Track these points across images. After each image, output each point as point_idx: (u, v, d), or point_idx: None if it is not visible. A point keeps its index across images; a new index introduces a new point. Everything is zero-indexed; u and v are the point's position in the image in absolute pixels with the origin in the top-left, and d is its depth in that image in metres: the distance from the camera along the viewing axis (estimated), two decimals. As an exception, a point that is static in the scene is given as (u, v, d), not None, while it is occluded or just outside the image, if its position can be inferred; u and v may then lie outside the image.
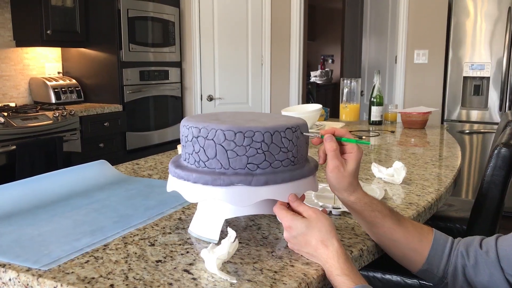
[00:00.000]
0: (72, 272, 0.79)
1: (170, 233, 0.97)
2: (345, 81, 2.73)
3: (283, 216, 0.86)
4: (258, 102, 4.36)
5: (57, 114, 3.08)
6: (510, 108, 3.61)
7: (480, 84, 3.70)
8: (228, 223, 1.03)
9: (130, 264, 0.82)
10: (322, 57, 8.45)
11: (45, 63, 3.79)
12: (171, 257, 0.85)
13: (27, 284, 0.78)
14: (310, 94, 6.94)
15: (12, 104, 3.42)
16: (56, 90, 3.57)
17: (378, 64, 4.65)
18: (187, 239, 0.94)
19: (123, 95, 3.69)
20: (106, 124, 3.50)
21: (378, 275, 1.35)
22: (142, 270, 0.80)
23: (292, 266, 0.82)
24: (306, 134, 0.92)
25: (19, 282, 0.79)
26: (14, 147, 2.78)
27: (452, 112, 3.80)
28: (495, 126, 3.62)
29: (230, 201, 0.86)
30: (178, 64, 4.26)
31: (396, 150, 1.93)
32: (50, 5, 3.38)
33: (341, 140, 0.90)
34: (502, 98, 3.61)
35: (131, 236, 0.95)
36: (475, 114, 3.74)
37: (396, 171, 1.38)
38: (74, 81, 3.79)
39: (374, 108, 2.64)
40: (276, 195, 0.87)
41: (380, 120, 2.66)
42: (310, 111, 2.15)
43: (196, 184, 0.87)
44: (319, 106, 2.23)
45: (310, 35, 7.36)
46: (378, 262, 1.05)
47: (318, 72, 8.24)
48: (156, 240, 0.93)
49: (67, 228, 0.99)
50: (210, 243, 0.89)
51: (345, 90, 2.73)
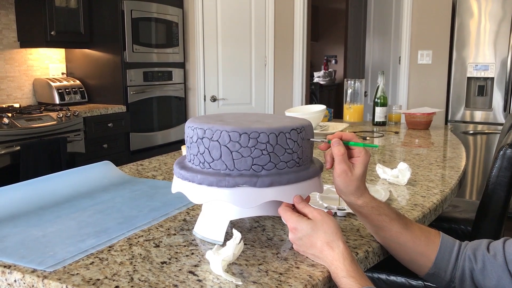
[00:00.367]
0: (77, 273, 0.79)
1: (175, 234, 0.97)
2: (349, 81, 2.72)
3: (288, 218, 0.85)
4: (261, 103, 4.35)
5: (61, 115, 3.09)
6: (514, 108, 3.60)
7: (484, 84, 3.68)
8: (233, 224, 1.03)
9: (135, 265, 0.82)
10: (326, 57, 8.44)
11: (49, 64, 3.80)
12: (176, 258, 0.85)
13: (32, 286, 0.78)
14: (313, 94, 6.93)
15: (16, 105, 3.43)
16: (60, 91, 3.58)
17: (381, 64, 4.64)
18: (192, 240, 0.94)
19: (126, 96, 3.70)
20: (110, 125, 3.51)
21: (383, 276, 1.35)
22: (147, 271, 0.80)
23: (298, 267, 0.82)
24: (313, 140, 0.91)
25: (24, 284, 0.79)
26: (18, 147, 2.78)
27: (456, 112, 3.79)
28: (500, 127, 3.61)
29: (235, 202, 0.85)
30: (182, 65, 4.26)
31: (400, 151, 1.93)
32: (54, 6, 3.39)
33: (348, 144, 0.90)
34: (507, 99, 3.60)
35: (135, 237, 0.95)
36: (479, 115, 3.72)
37: (401, 172, 1.38)
38: (78, 82, 3.80)
39: (378, 109, 2.64)
40: (281, 196, 0.87)
41: (384, 120, 2.65)
42: (314, 112, 2.14)
43: (201, 185, 0.87)
44: (323, 106, 2.22)
45: (313, 36, 7.36)
46: (382, 264, 1.04)
47: (321, 73, 8.23)
48: (161, 242, 0.93)
49: (72, 229, 0.99)
50: (215, 244, 0.89)
51: (349, 91, 2.72)
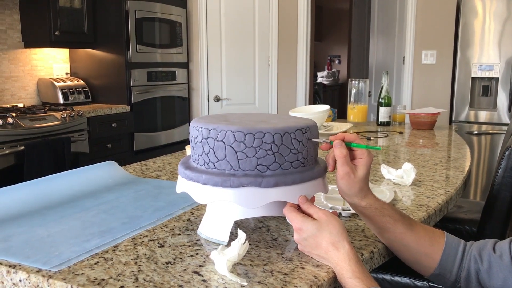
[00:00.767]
0: (82, 273, 0.79)
1: (179, 234, 0.97)
2: (353, 81, 2.72)
3: (293, 218, 0.85)
4: (265, 103, 4.35)
5: (65, 115, 3.09)
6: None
7: (489, 84, 3.67)
8: (237, 224, 1.02)
9: (140, 265, 0.82)
10: (329, 57, 8.43)
11: (53, 64, 3.81)
12: (181, 258, 0.85)
13: (38, 285, 0.78)
14: (317, 94, 6.92)
15: (21, 105, 3.44)
16: (64, 91, 3.59)
17: (385, 64, 4.63)
18: (197, 240, 0.94)
19: (130, 96, 3.70)
20: (113, 124, 3.51)
21: (387, 277, 1.34)
22: (152, 271, 0.80)
23: (303, 268, 0.81)
24: (315, 140, 0.91)
25: (29, 283, 0.79)
26: (23, 147, 2.79)
27: (460, 113, 3.78)
28: (504, 127, 3.59)
29: (240, 202, 0.85)
30: (185, 65, 4.26)
31: (404, 151, 1.92)
32: (58, 6, 3.40)
33: (350, 146, 0.89)
34: (511, 99, 3.58)
35: (140, 237, 0.95)
36: (483, 115, 3.71)
37: (406, 173, 1.37)
38: (82, 82, 3.80)
39: (382, 109, 2.63)
40: (286, 196, 0.86)
41: (388, 121, 2.64)
42: (318, 112, 2.14)
43: (205, 185, 0.87)
44: (327, 107, 2.22)
45: (317, 36, 7.36)
46: (387, 264, 1.04)
47: (325, 73, 8.22)
48: (166, 242, 0.93)
49: (76, 229, 0.99)
50: (219, 244, 0.89)
51: (353, 91, 2.72)
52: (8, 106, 3.36)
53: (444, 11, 3.85)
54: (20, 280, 0.80)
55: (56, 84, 3.59)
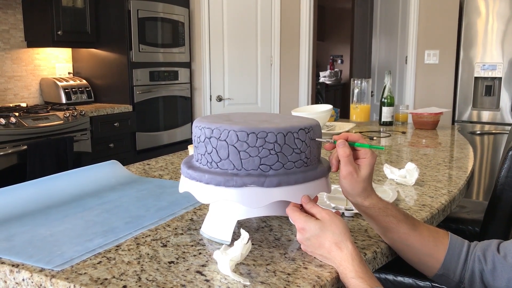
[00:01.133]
0: (85, 272, 0.79)
1: (182, 234, 0.97)
2: (355, 81, 2.71)
3: (296, 218, 0.85)
4: (267, 103, 4.35)
5: (67, 115, 3.10)
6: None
7: (492, 84, 3.66)
8: (240, 224, 1.02)
9: (142, 265, 0.82)
10: (331, 57, 8.42)
11: (55, 63, 3.81)
12: (184, 258, 0.85)
13: (40, 285, 0.78)
14: (319, 94, 6.92)
15: (23, 105, 3.45)
16: (66, 91, 3.59)
17: (388, 64, 4.63)
18: (199, 240, 0.94)
19: (133, 95, 3.70)
20: (116, 124, 3.51)
21: (390, 277, 1.34)
22: (155, 271, 0.80)
23: (306, 268, 0.81)
24: (319, 139, 0.90)
25: (32, 283, 0.79)
26: (25, 147, 2.79)
27: (463, 112, 3.77)
28: (507, 127, 3.58)
29: (243, 202, 0.85)
30: (188, 65, 4.26)
31: (407, 151, 1.92)
32: (60, 6, 3.40)
33: (354, 146, 0.88)
34: (514, 99, 3.58)
35: (143, 237, 0.95)
36: (486, 115, 3.70)
37: (409, 173, 1.37)
38: (84, 81, 3.81)
39: (385, 109, 2.63)
40: (289, 196, 0.86)
41: (391, 120, 2.64)
42: (321, 112, 2.14)
43: (208, 185, 0.87)
44: (329, 106, 2.22)
45: (319, 35, 7.34)
46: (390, 264, 1.04)
47: (327, 73, 8.21)
48: (168, 241, 0.93)
49: (79, 228, 0.99)
50: (222, 244, 0.89)
51: (355, 91, 2.71)
52: (11, 105, 3.36)
53: (447, 10, 3.84)
54: (23, 280, 0.80)
55: (59, 83, 3.60)
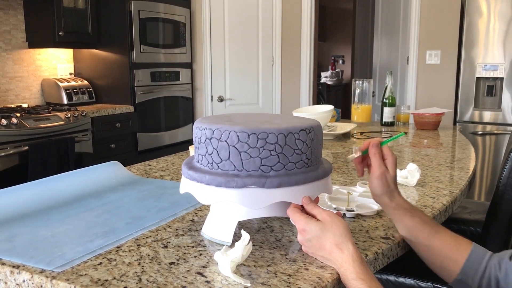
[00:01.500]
0: (85, 274, 0.79)
1: (183, 235, 0.97)
2: (357, 81, 2.71)
3: (297, 219, 0.85)
4: (268, 103, 4.35)
5: (69, 115, 3.10)
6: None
7: (493, 84, 3.65)
8: (241, 225, 1.02)
9: (143, 266, 0.82)
10: (333, 57, 8.41)
11: (57, 64, 3.82)
12: (184, 259, 0.85)
13: (41, 286, 0.78)
14: (320, 95, 6.91)
15: (25, 105, 3.45)
16: (68, 91, 3.60)
17: (389, 64, 4.62)
18: (200, 241, 0.94)
19: (134, 96, 3.71)
20: (117, 125, 3.51)
21: (391, 278, 1.33)
22: (155, 272, 0.80)
23: (307, 269, 0.81)
24: (352, 157, 0.99)
25: (32, 284, 0.79)
26: (27, 147, 2.80)
27: (465, 113, 3.76)
28: (509, 128, 3.58)
29: (244, 203, 0.85)
30: (189, 65, 4.26)
31: (409, 152, 1.91)
32: (62, 6, 3.41)
33: (381, 145, 0.95)
34: (516, 99, 3.57)
35: (143, 238, 0.95)
36: (488, 115, 3.69)
37: (410, 173, 1.37)
38: (85, 82, 3.81)
39: (386, 109, 2.62)
40: (290, 197, 0.86)
41: (393, 121, 2.63)
42: (322, 112, 2.13)
43: (209, 186, 0.86)
44: (331, 107, 2.21)
45: (321, 36, 7.34)
46: (391, 265, 1.03)
47: (328, 73, 8.21)
48: (169, 242, 0.93)
49: (80, 229, 0.99)
50: (223, 245, 0.89)
51: (356, 91, 2.71)
52: (12, 106, 3.37)
53: (449, 10, 3.83)
54: (23, 281, 0.80)
55: (60, 84, 3.60)
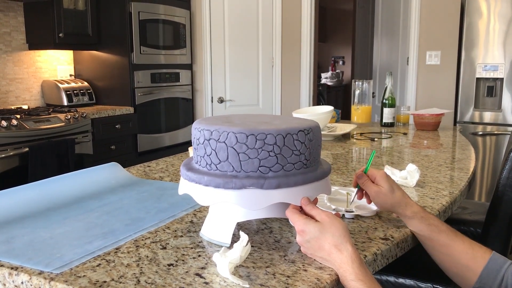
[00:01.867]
0: (84, 275, 0.79)
1: (181, 236, 0.97)
2: (356, 82, 2.71)
3: (296, 220, 0.85)
4: (268, 104, 4.35)
5: (69, 117, 3.10)
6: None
7: (494, 85, 3.65)
8: (240, 226, 1.02)
9: (142, 267, 0.82)
10: (333, 58, 8.41)
11: (57, 65, 3.82)
12: (183, 260, 0.85)
13: None
14: (320, 95, 6.91)
15: (25, 107, 3.46)
16: (68, 93, 3.60)
17: (389, 65, 4.62)
18: (199, 242, 0.93)
19: (134, 97, 3.71)
20: (117, 126, 3.52)
21: (391, 279, 1.33)
22: (154, 273, 0.79)
23: (305, 270, 0.81)
24: (352, 196, 1.08)
25: (31, 286, 0.79)
26: (27, 149, 2.80)
27: (465, 113, 3.76)
28: (509, 128, 3.57)
29: (242, 204, 0.85)
30: (189, 66, 4.26)
31: (408, 152, 1.91)
32: (62, 8, 3.41)
33: (365, 172, 1.03)
34: (516, 100, 3.57)
35: (142, 239, 0.95)
36: (488, 116, 3.69)
37: (410, 174, 1.36)
38: (86, 83, 3.81)
39: (386, 110, 2.62)
40: (289, 198, 0.86)
41: (392, 122, 2.63)
42: (322, 113, 2.13)
43: (207, 187, 0.86)
44: (330, 107, 2.21)
45: (321, 37, 7.34)
46: (391, 266, 1.03)
47: (328, 74, 8.21)
48: (168, 244, 0.93)
49: (79, 230, 0.99)
50: (222, 246, 0.89)
51: (356, 92, 2.71)
52: (13, 108, 3.37)
53: (448, 11, 3.83)
54: (22, 283, 0.80)
55: (60, 85, 3.60)
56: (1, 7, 3.37)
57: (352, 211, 1.09)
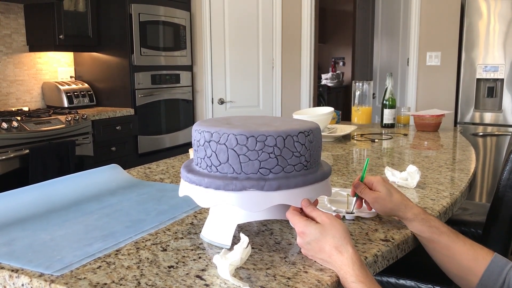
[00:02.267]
0: (84, 277, 0.79)
1: (182, 238, 0.97)
2: (357, 83, 2.71)
3: (296, 222, 0.85)
4: (269, 105, 4.35)
5: (69, 118, 3.10)
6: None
7: (494, 86, 3.65)
8: (240, 228, 1.02)
9: (142, 269, 0.82)
10: (333, 59, 8.42)
11: (57, 67, 3.82)
12: (183, 262, 0.85)
13: (40, 290, 0.78)
14: (321, 97, 6.91)
15: (25, 109, 3.46)
16: (68, 94, 3.60)
17: (389, 66, 4.62)
18: (199, 244, 0.93)
19: (134, 99, 3.71)
20: (118, 127, 3.52)
21: (392, 280, 1.33)
22: (154, 275, 0.79)
23: (306, 272, 0.81)
24: (355, 210, 1.08)
25: (31, 288, 0.79)
26: (27, 151, 2.80)
27: (465, 114, 3.76)
28: (510, 129, 3.57)
29: (242, 206, 0.85)
30: (189, 68, 4.27)
31: (409, 153, 1.91)
32: (62, 10, 3.41)
33: (362, 181, 1.04)
34: (517, 100, 3.56)
35: (143, 241, 0.95)
36: (488, 117, 3.69)
37: (410, 175, 1.36)
38: (86, 85, 3.81)
39: (387, 111, 2.62)
40: (289, 200, 0.86)
41: (393, 123, 2.63)
42: (322, 114, 2.13)
43: (208, 189, 0.86)
44: (331, 109, 2.21)
45: (321, 38, 7.35)
46: (391, 267, 1.03)
47: (329, 75, 8.21)
48: (168, 245, 0.93)
49: (79, 233, 0.99)
50: (222, 248, 0.89)
51: (357, 93, 2.71)
52: (13, 109, 3.37)
53: (449, 12, 3.83)
54: (22, 285, 0.80)
55: (61, 87, 3.60)
56: (1, 9, 3.37)
57: (352, 213, 1.09)
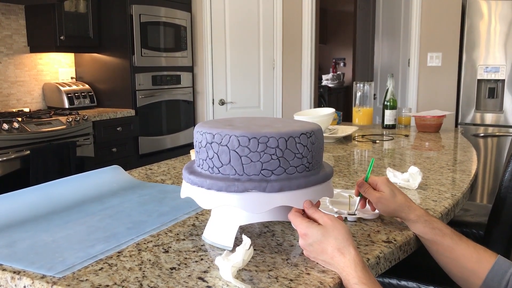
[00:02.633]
0: (86, 279, 0.79)
1: (184, 239, 0.96)
2: (358, 84, 2.71)
3: (299, 223, 0.84)
4: (270, 106, 4.35)
5: (70, 119, 3.10)
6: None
7: (495, 86, 3.65)
8: (242, 229, 1.02)
9: (144, 271, 0.82)
10: (334, 60, 8.42)
11: (58, 68, 3.82)
12: (185, 264, 0.85)
13: (42, 292, 0.78)
14: (322, 97, 6.91)
15: (26, 109, 3.46)
16: (69, 95, 3.60)
17: (390, 67, 4.62)
18: (201, 245, 0.93)
19: (135, 99, 3.71)
20: (119, 128, 3.52)
21: (394, 281, 1.33)
22: (156, 277, 0.79)
23: (308, 274, 0.81)
24: (357, 210, 1.08)
25: (33, 290, 0.79)
26: (28, 152, 2.80)
27: (466, 115, 3.75)
28: (511, 130, 3.57)
29: (244, 207, 0.85)
30: (190, 69, 4.27)
31: (410, 154, 1.91)
32: (63, 11, 3.42)
33: (366, 181, 1.04)
34: (518, 101, 3.56)
35: (145, 243, 0.95)
36: (489, 117, 3.69)
37: (412, 176, 1.36)
38: (87, 86, 3.82)
39: (388, 112, 2.62)
40: (291, 201, 0.86)
41: (394, 123, 2.63)
42: (323, 115, 2.13)
43: (210, 190, 0.86)
44: (332, 110, 2.21)
45: (322, 38, 7.35)
46: (393, 268, 1.03)
47: (329, 76, 8.21)
48: (170, 247, 0.92)
49: (81, 234, 0.99)
50: (224, 250, 0.88)
51: (358, 94, 2.71)
52: (14, 110, 3.37)
53: (449, 13, 3.83)
54: (24, 287, 0.80)
55: (62, 88, 3.60)
56: (2, 10, 3.37)
57: (354, 214, 1.09)
